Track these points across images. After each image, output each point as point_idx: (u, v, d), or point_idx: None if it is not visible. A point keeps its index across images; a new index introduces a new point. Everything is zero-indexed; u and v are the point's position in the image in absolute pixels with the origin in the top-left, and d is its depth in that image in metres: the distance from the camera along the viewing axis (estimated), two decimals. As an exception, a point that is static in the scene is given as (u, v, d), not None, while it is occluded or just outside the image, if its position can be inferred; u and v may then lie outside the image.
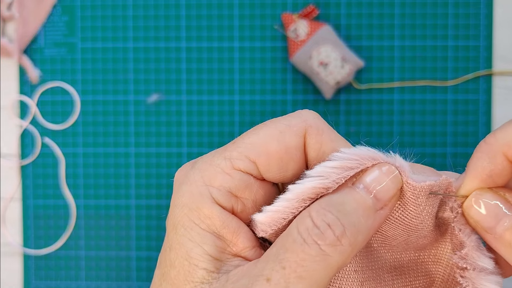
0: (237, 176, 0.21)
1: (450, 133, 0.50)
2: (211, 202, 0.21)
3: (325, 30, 0.48)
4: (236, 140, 0.22)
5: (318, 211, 0.19)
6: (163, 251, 0.22)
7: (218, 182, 0.21)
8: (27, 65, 0.51)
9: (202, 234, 0.21)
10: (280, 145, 0.21)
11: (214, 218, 0.21)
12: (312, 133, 0.22)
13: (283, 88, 0.51)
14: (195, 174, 0.22)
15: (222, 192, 0.21)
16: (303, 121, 0.22)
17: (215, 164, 0.21)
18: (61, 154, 0.52)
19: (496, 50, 0.50)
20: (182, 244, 0.21)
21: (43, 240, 0.52)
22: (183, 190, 0.21)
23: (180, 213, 0.21)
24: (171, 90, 0.51)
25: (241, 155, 0.21)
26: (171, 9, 0.51)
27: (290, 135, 0.22)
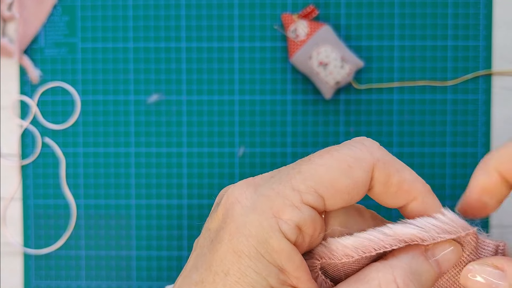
0: (305, 211, 0.21)
1: (449, 133, 0.50)
2: (280, 236, 0.21)
3: (325, 30, 0.48)
4: (301, 168, 0.22)
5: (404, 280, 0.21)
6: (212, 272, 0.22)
7: (288, 215, 0.21)
8: (27, 65, 0.51)
9: (269, 267, 0.21)
10: (348, 181, 0.22)
11: (281, 253, 0.21)
12: (380, 167, 0.22)
13: (282, 88, 0.51)
14: (264, 203, 0.21)
15: (291, 226, 0.21)
16: (370, 154, 0.22)
17: (284, 195, 0.21)
18: (62, 154, 0.52)
19: (496, 50, 0.50)
20: (246, 274, 0.21)
21: (43, 240, 0.52)
22: (252, 219, 0.21)
23: (247, 243, 0.21)
24: (171, 90, 0.51)
25: (310, 189, 0.21)
26: (171, 10, 0.51)
27: (360, 170, 0.22)
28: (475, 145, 0.50)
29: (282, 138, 0.51)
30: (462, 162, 0.50)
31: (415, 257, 0.22)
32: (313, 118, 0.51)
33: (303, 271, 0.22)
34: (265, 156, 0.51)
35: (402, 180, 0.22)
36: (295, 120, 0.51)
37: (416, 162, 0.50)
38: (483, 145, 0.50)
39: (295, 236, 0.21)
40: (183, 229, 0.52)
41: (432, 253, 0.22)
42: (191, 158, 0.51)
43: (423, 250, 0.22)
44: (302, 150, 0.51)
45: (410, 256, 0.22)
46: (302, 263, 0.22)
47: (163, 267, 0.52)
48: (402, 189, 0.23)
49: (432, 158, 0.51)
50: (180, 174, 0.51)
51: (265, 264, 0.21)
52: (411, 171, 0.23)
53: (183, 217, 0.52)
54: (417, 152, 0.51)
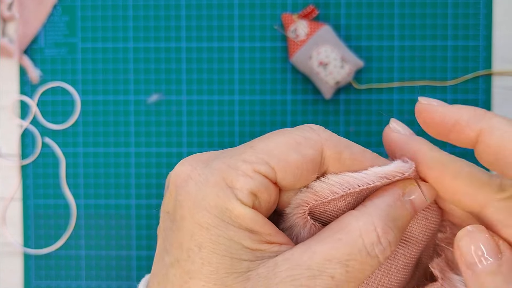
0: (257, 178, 0.22)
1: (449, 133, 0.50)
2: (238, 203, 0.22)
3: (324, 30, 0.48)
4: (253, 144, 0.23)
5: (383, 228, 0.22)
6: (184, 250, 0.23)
7: (241, 183, 0.22)
8: (27, 65, 0.51)
9: (238, 231, 0.22)
10: (298, 156, 0.23)
11: (244, 217, 0.22)
12: (329, 145, 0.23)
13: (282, 88, 0.51)
14: (216, 176, 0.22)
15: (245, 193, 0.22)
16: (317, 135, 0.24)
17: (235, 167, 0.22)
18: (62, 154, 0.52)
19: (496, 50, 0.50)
20: (219, 243, 0.22)
21: (43, 240, 0.52)
22: (208, 192, 0.22)
23: (209, 214, 0.22)
24: (171, 90, 0.51)
25: (262, 160, 0.23)
26: (171, 10, 0.51)
27: (308, 147, 0.23)
28: (475, 145, 0.50)
29: (282, 138, 0.51)
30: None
31: (392, 203, 0.23)
32: (313, 118, 0.51)
33: (272, 228, 0.23)
34: (265, 156, 0.51)
35: (353, 152, 0.24)
36: (295, 120, 0.51)
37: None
38: (483, 145, 0.50)
39: (252, 201, 0.22)
40: (183, 229, 0.52)
41: (409, 195, 0.24)
42: (191, 158, 0.51)
43: (400, 195, 0.24)
44: (302, 150, 0.51)
45: (387, 202, 0.23)
46: (266, 221, 0.23)
47: (163, 267, 0.52)
48: (355, 161, 0.24)
49: (432, 158, 0.51)
50: (180, 174, 0.51)
51: (233, 229, 0.22)
52: (358, 145, 0.25)
53: (183, 217, 0.52)
54: (417, 152, 0.51)
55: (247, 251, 0.22)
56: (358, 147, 0.24)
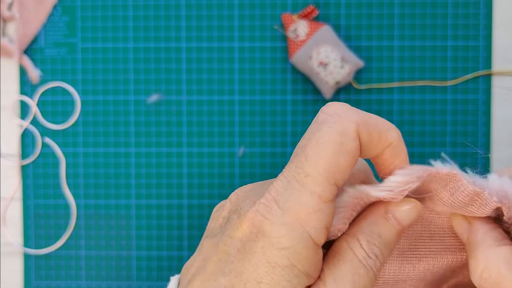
0: (327, 208, 0.23)
1: (449, 133, 0.50)
2: (310, 243, 0.23)
3: (324, 31, 0.48)
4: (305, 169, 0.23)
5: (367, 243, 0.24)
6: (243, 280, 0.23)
7: (314, 221, 0.23)
8: (27, 65, 0.51)
9: (299, 275, 0.23)
10: (346, 156, 0.23)
11: (310, 260, 0.23)
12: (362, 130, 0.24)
13: (282, 88, 0.51)
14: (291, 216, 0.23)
15: (320, 230, 0.23)
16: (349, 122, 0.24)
17: (305, 203, 0.23)
18: (62, 154, 0.52)
19: (496, 50, 0.50)
20: (278, 283, 0.22)
21: (43, 240, 0.52)
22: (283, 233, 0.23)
23: (280, 255, 0.22)
24: (171, 90, 0.51)
25: (323, 183, 0.23)
26: (171, 10, 0.51)
27: (349, 142, 0.23)
28: (475, 145, 0.50)
29: (282, 138, 0.51)
30: (462, 162, 0.50)
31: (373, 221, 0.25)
32: (313, 118, 0.51)
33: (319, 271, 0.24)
34: (265, 156, 0.51)
35: (380, 130, 0.24)
36: (295, 120, 0.51)
37: (416, 162, 0.50)
38: (483, 145, 0.50)
39: (325, 237, 0.23)
40: (183, 229, 0.52)
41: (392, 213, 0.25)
42: (191, 158, 0.51)
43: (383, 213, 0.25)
44: (302, 150, 0.51)
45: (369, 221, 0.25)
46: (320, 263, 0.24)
47: (163, 267, 0.52)
48: (381, 140, 0.24)
49: (432, 158, 0.51)
50: (180, 174, 0.51)
51: (296, 273, 0.23)
52: (384, 121, 0.25)
53: (183, 217, 0.52)
54: (417, 152, 0.51)
55: None
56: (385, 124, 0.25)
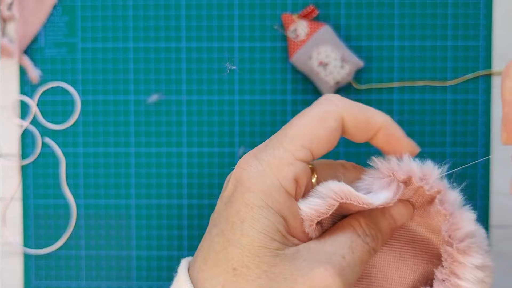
0: (299, 165, 0.27)
1: (449, 133, 0.50)
2: (282, 190, 0.26)
3: (324, 30, 0.48)
4: (287, 132, 0.27)
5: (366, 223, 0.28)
6: (230, 222, 0.27)
7: (285, 172, 0.26)
8: (27, 65, 0.51)
9: (275, 215, 0.26)
10: (325, 131, 0.27)
11: (283, 204, 0.26)
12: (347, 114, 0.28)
13: (282, 88, 0.51)
14: (265, 166, 0.27)
15: (290, 181, 0.26)
16: (336, 105, 0.28)
17: (279, 156, 0.27)
18: (62, 154, 0.52)
19: (496, 50, 0.50)
20: (259, 220, 0.26)
21: (43, 240, 0.52)
22: (258, 180, 0.26)
23: (255, 196, 0.26)
24: (171, 90, 0.51)
25: (299, 146, 0.27)
26: (171, 10, 0.51)
27: (331, 120, 0.27)
28: (475, 145, 0.50)
29: (282, 138, 0.51)
30: (462, 162, 0.50)
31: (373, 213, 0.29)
32: (313, 118, 0.51)
33: (299, 221, 0.27)
34: (265, 156, 0.51)
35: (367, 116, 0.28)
36: (295, 120, 0.51)
37: (416, 162, 0.50)
38: (483, 145, 0.50)
39: (294, 188, 0.27)
40: (183, 229, 0.52)
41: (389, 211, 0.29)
42: (191, 158, 0.51)
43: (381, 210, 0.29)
44: (302, 150, 0.51)
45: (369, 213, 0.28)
46: (298, 215, 0.27)
47: (163, 267, 0.52)
48: (369, 124, 0.28)
49: (432, 158, 0.51)
50: (180, 174, 0.51)
51: (272, 212, 0.26)
52: (371, 108, 0.29)
53: (183, 217, 0.52)
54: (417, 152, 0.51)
55: (279, 234, 0.26)
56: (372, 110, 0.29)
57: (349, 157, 0.51)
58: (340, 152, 0.51)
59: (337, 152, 0.51)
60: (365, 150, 0.51)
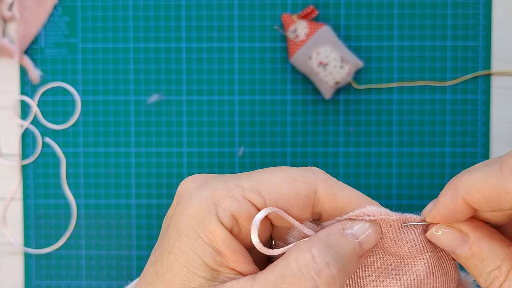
0: (244, 204, 0.24)
1: (449, 133, 0.51)
2: (216, 220, 0.23)
3: (324, 31, 0.48)
4: (252, 173, 0.25)
5: (319, 249, 0.22)
6: (161, 252, 0.24)
7: (226, 204, 0.24)
8: (28, 65, 0.51)
9: (204, 247, 0.23)
10: (290, 189, 0.24)
11: (216, 235, 0.23)
12: (325, 185, 0.25)
13: (282, 88, 0.51)
14: (207, 191, 0.24)
15: (227, 214, 0.23)
16: (314, 175, 0.25)
17: (227, 188, 0.24)
18: (62, 154, 0.52)
19: (495, 50, 0.50)
20: (184, 252, 0.23)
21: (44, 239, 0.52)
22: (194, 203, 0.24)
23: (187, 222, 0.23)
24: (171, 90, 0.51)
25: (254, 187, 0.24)
26: (171, 10, 0.51)
27: (302, 184, 0.24)
28: (475, 145, 0.50)
29: (282, 138, 0.51)
30: (462, 162, 0.51)
31: (331, 233, 0.24)
32: (312, 118, 0.51)
33: (241, 255, 0.24)
34: (265, 156, 0.51)
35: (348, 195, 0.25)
36: (295, 120, 0.51)
37: (415, 162, 0.50)
38: (483, 145, 0.50)
39: (231, 224, 0.24)
40: (183, 228, 0.52)
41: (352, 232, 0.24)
42: (191, 158, 0.51)
43: (340, 228, 0.24)
44: (302, 150, 0.51)
45: (326, 233, 0.24)
46: (239, 248, 0.24)
47: (163, 266, 0.52)
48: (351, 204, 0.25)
49: (431, 158, 0.51)
50: (180, 174, 0.52)
51: (201, 243, 0.23)
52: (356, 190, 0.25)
53: (183, 216, 0.52)
54: (417, 152, 0.51)
55: (206, 268, 0.23)
56: (354, 191, 0.25)
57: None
58: (340, 152, 0.51)
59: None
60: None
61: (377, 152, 0.51)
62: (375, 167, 0.51)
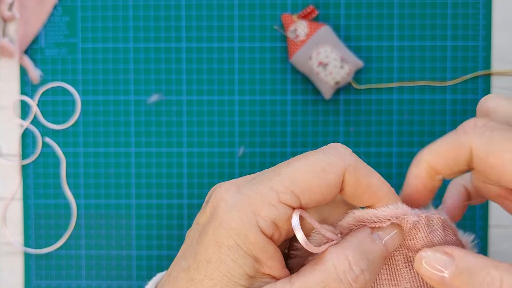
0: (282, 209, 0.24)
1: (449, 133, 0.51)
2: (257, 230, 0.24)
3: (324, 31, 0.48)
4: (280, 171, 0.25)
5: (354, 256, 0.24)
6: (195, 260, 0.25)
7: (265, 212, 0.24)
8: (28, 65, 0.51)
9: (245, 257, 0.24)
10: (322, 183, 0.24)
11: (256, 245, 0.24)
12: (351, 171, 0.25)
13: (282, 88, 0.51)
14: (244, 201, 0.24)
15: (268, 223, 0.24)
16: (342, 159, 0.25)
17: (263, 194, 0.24)
18: (62, 154, 0.52)
19: (495, 50, 0.50)
20: (224, 262, 0.24)
21: (44, 239, 0.52)
22: (233, 215, 0.24)
23: (227, 235, 0.24)
24: (171, 90, 0.51)
25: (287, 189, 0.24)
26: (171, 10, 0.51)
27: (332, 174, 0.25)
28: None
29: (282, 138, 0.51)
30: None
31: (362, 239, 0.25)
32: (313, 118, 0.51)
33: (276, 260, 0.25)
34: (265, 156, 0.51)
35: (370, 183, 0.25)
36: (295, 120, 0.51)
37: (415, 162, 0.50)
38: (482, 145, 0.50)
39: (272, 231, 0.24)
40: (183, 228, 0.52)
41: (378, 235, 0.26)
42: (191, 158, 0.51)
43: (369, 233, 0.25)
44: (302, 150, 0.51)
45: (358, 239, 0.25)
46: (275, 254, 0.25)
47: (163, 266, 0.52)
48: (369, 191, 0.25)
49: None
50: (180, 174, 0.52)
51: (241, 254, 0.24)
52: (379, 176, 0.26)
53: (183, 216, 0.52)
54: (417, 152, 0.51)
55: (246, 277, 0.24)
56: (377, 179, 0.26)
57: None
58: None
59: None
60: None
61: (377, 152, 0.51)
62: (375, 167, 0.51)
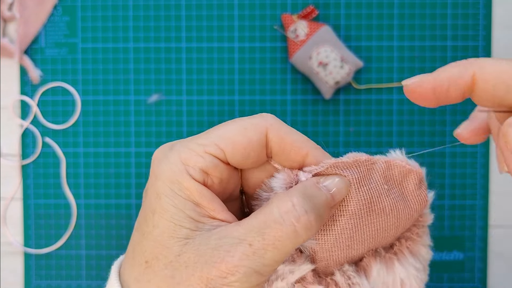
0: (208, 158, 0.27)
1: (448, 133, 0.51)
2: (188, 177, 0.26)
3: (324, 31, 0.48)
4: (208, 131, 0.28)
5: (298, 198, 0.26)
6: (144, 216, 0.27)
7: (193, 162, 0.27)
8: (28, 65, 0.51)
9: (184, 201, 0.26)
10: (243, 138, 0.27)
11: (192, 190, 0.26)
12: (273, 129, 0.28)
13: (282, 88, 0.51)
14: (174, 154, 0.27)
15: (196, 170, 0.27)
16: (264, 120, 0.28)
17: (190, 148, 0.27)
18: (62, 154, 0.52)
19: (495, 50, 0.50)
20: (167, 210, 0.26)
21: (44, 239, 0.52)
22: (164, 167, 0.27)
23: (163, 185, 0.27)
24: (171, 90, 0.51)
25: (212, 142, 0.27)
26: (171, 10, 0.51)
27: (253, 131, 0.27)
28: (474, 145, 0.50)
29: (282, 138, 0.51)
30: (462, 162, 0.51)
31: (307, 185, 0.27)
32: (312, 118, 0.51)
33: (217, 203, 0.27)
34: (265, 156, 0.51)
35: (294, 139, 0.28)
36: (295, 120, 0.51)
37: (415, 162, 0.50)
38: (483, 145, 0.50)
39: (202, 177, 0.27)
40: (183, 228, 0.52)
41: (324, 182, 0.27)
42: (191, 158, 0.51)
43: (314, 182, 0.27)
44: (301, 150, 0.51)
45: (303, 185, 0.27)
46: (214, 198, 0.27)
47: (163, 266, 0.52)
48: (295, 147, 0.28)
49: (431, 158, 0.51)
50: (180, 174, 0.52)
51: (180, 200, 0.26)
52: (302, 135, 0.28)
53: (183, 216, 0.52)
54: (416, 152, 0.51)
55: (189, 220, 0.26)
56: (300, 136, 0.28)
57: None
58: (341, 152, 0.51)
59: (337, 152, 0.51)
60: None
61: (377, 152, 0.51)
62: (375, 167, 0.51)
